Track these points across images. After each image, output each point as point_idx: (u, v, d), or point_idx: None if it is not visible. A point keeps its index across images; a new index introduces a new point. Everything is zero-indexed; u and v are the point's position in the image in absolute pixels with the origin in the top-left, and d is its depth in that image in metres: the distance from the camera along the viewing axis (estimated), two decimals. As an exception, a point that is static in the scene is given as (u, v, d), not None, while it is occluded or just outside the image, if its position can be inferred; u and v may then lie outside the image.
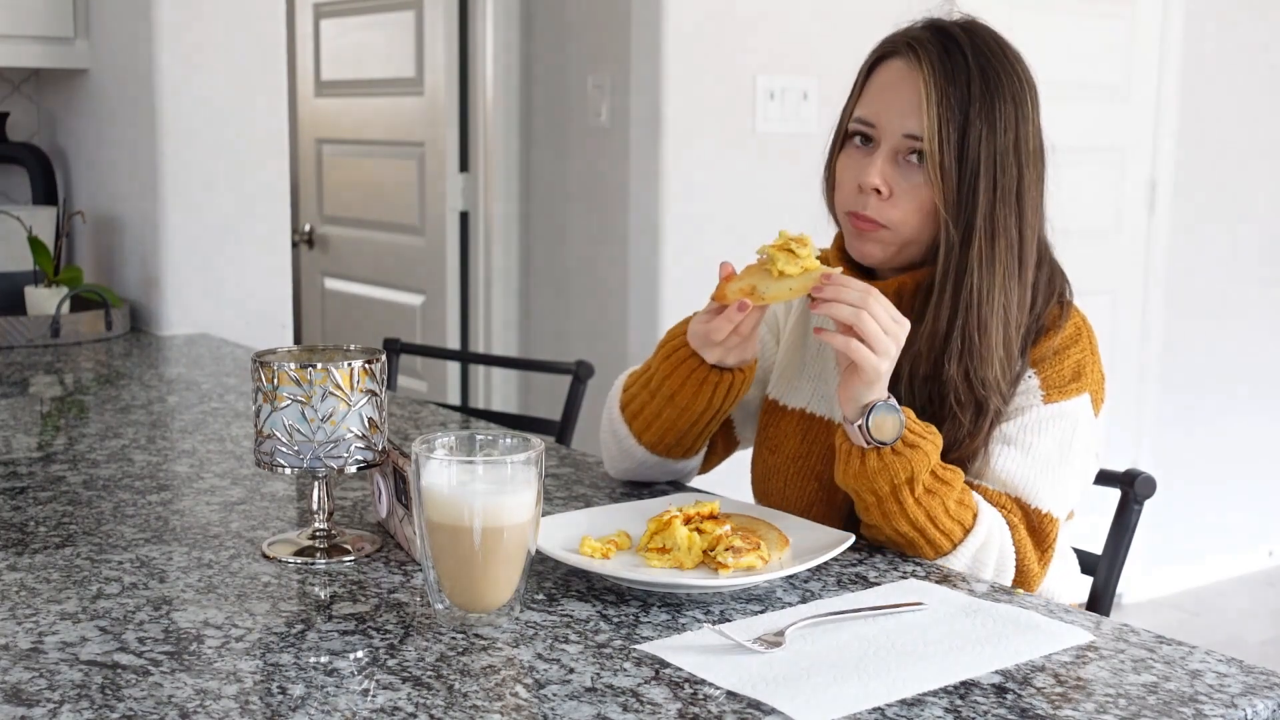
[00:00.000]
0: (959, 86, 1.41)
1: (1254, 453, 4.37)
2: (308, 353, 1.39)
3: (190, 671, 1.06)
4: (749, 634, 1.14)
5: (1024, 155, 1.44)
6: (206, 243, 2.78)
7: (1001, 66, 1.44)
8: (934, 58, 1.42)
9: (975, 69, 1.42)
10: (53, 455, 1.77)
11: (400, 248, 3.85)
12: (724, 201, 3.23)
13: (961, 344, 1.42)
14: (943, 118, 1.41)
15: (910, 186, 1.44)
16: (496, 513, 1.14)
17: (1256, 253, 4.28)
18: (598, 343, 3.32)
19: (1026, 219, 1.44)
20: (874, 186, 1.44)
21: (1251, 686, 1.07)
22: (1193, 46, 4.00)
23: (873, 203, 1.45)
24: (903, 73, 1.45)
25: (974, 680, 1.07)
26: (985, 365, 1.41)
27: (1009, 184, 1.42)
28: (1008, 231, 1.43)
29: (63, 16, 2.86)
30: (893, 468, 1.34)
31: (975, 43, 1.44)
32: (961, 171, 1.41)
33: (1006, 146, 1.42)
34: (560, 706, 1.00)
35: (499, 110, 3.53)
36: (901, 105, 1.44)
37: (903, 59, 1.45)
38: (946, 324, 1.43)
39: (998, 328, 1.42)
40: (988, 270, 1.42)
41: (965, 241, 1.42)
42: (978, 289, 1.42)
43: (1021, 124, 1.43)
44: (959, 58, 1.42)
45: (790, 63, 3.27)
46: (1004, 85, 1.43)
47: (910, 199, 1.44)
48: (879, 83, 1.48)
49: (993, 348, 1.42)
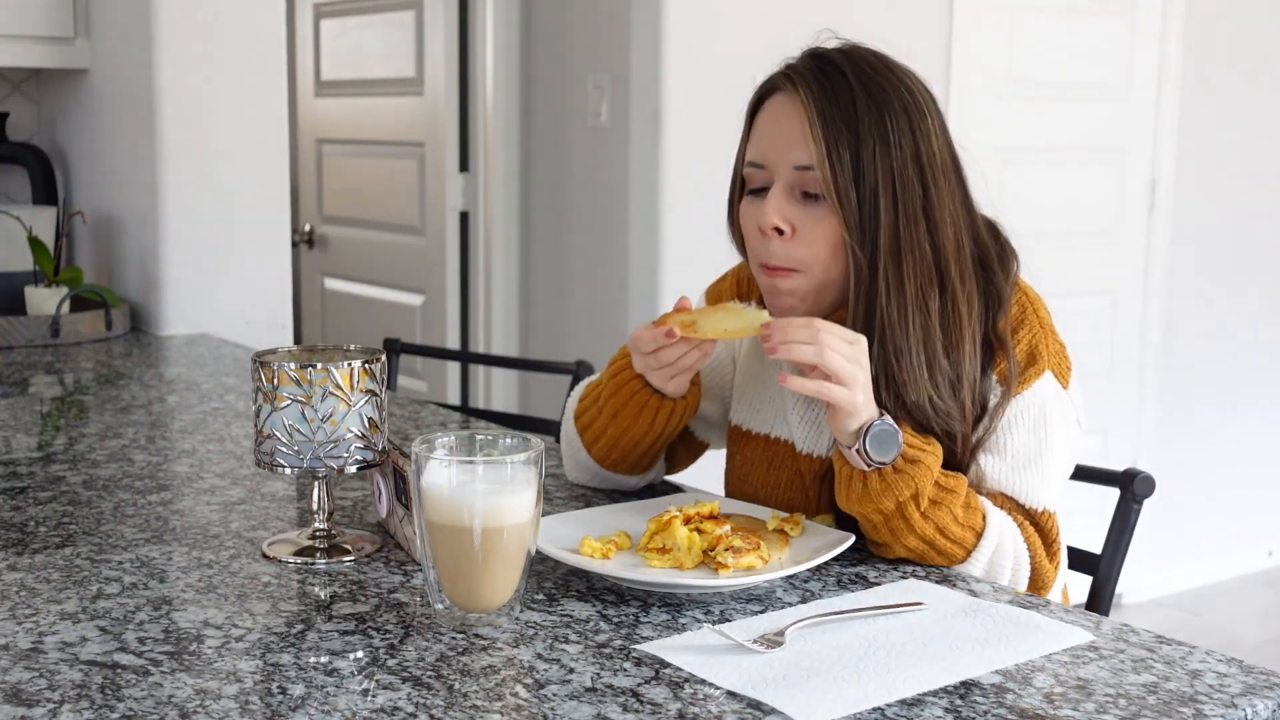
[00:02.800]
0: (843, 107, 1.36)
1: (1254, 453, 4.37)
2: (308, 353, 1.39)
3: (190, 671, 1.06)
4: (749, 634, 1.14)
5: (926, 168, 1.37)
6: (206, 243, 2.78)
7: (886, 81, 1.38)
8: (812, 83, 1.38)
9: (858, 86, 1.37)
10: (53, 455, 1.77)
11: (400, 248, 3.85)
12: (724, 202, 3.22)
13: (884, 373, 1.37)
14: (830, 140, 1.35)
15: (811, 221, 1.39)
16: (496, 513, 1.14)
17: (1257, 253, 4.28)
18: (598, 343, 3.32)
19: (941, 231, 1.38)
20: (774, 225, 1.39)
21: (1251, 686, 1.07)
22: (1193, 46, 4.00)
23: (776, 246, 1.40)
24: (784, 105, 1.40)
25: (974, 680, 1.07)
26: (911, 389, 1.36)
27: (911, 199, 1.37)
28: (917, 248, 1.37)
29: (63, 16, 2.86)
30: (895, 486, 1.31)
31: (855, 63, 1.39)
32: (860, 192, 1.36)
33: (904, 161, 1.36)
34: (560, 706, 1.00)
35: (499, 110, 3.53)
36: (787, 138, 1.39)
37: (782, 92, 1.41)
38: None
39: (916, 349, 1.36)
40: (897, 291, 1.37)
41: (872, 264, 1.37)
42: (888, 312, 1.37)
43: (919, 137, 1.37)
44: (838, 78, 1.38)
45: (790, 63, 3.27)
46: (891, 99, 1.37)
47: (814, 233, 1.39)
48: (763, 120, 1.43)
49: (912, 369, 1.36)
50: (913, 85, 1.41)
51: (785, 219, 1.39)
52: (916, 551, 1.35)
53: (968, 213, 1.43)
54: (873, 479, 1.32)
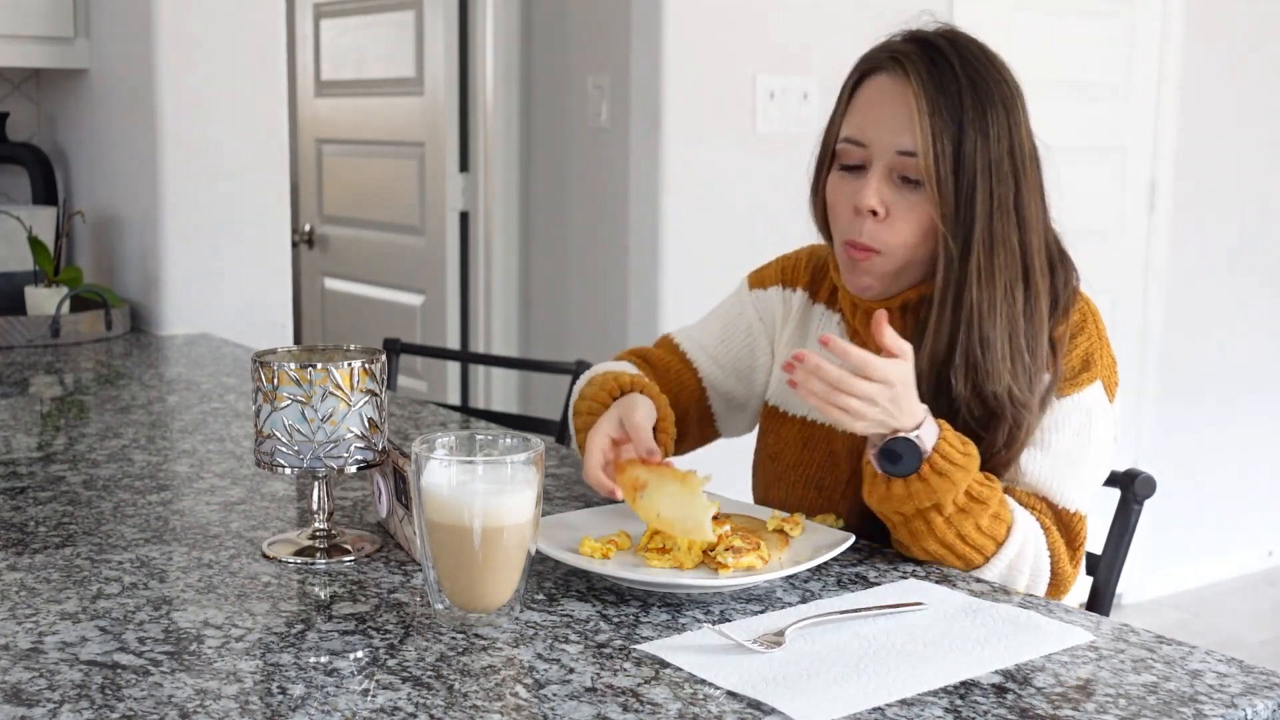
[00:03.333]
0: (950, 97, 1.38)
1: (1254, 452, 4.37)
2: (308, 353, 1.39)
3: (190, 671, 1.06)
4: (749, 634, 1.14)
5: (1019, 162, 1.40)
6: (206, 243, 2.78)
7: (989, 74, 1.40)
8: (922, 70, 1.39)
9: (964, 78, 1.39)
10: (53, 455, 1.77)
11: (400, 248, 3.85)
12: (724, 201, 3.23)
13: (965, 361, 1.38)
14: (936, 130, 1.37)
15: (907, 206, 1.41)
16: (496, 513, 1.14)
17: (1257, 252, 4.28)
18: (598, 343, 3.32)
19: (1028, 226, 1.41)
20: (870, 208, 1.41)
21: (1251, 686, 1.07)
22: (1193, 46, 4.00)
23: (868, 226, 1.42)
24: (890, 88, 1.41)
25: (974, 680, 1.07)
26: (993, 380, 1.38)
27: (1006, 193, 1.39)
28: (1007, 241, 1.39)
29: (63, 16, 2.86)
30: (917, 495, 1.32)
31: (961, 52, 1.41)
32: (958, 184, 1.38)
33: (1001, 155, 1.39)
34: (560, 706, 1.00)
35: (499, 110, 3.53)
36: (892, 121, 1.40)
37: (888, 74, 1.42)
38: (947, 342, 1.40)
39: (1002, 340, 1.38)
40: (988, 283, 1.38)
41: (964, 255, 1.39)
42: (978, 303, 1.38)
43: (1014, 130, 1.40)
44: (947, 68, 1.39)
45: (790, 63, 3.27)
46: (994, 92, 1.39)
47: (907, 219, 1.41)
48: (865, 99, 1.44)
49: (998, 361, 1.38)
50: (1008, 77, 1.43)
51: (882, 201, 1.41)
52: (935, 555, 1.35)
53: (1044, 210, 1.46)
54: (895, 484, 1.32)
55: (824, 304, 1.59)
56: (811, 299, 1.61)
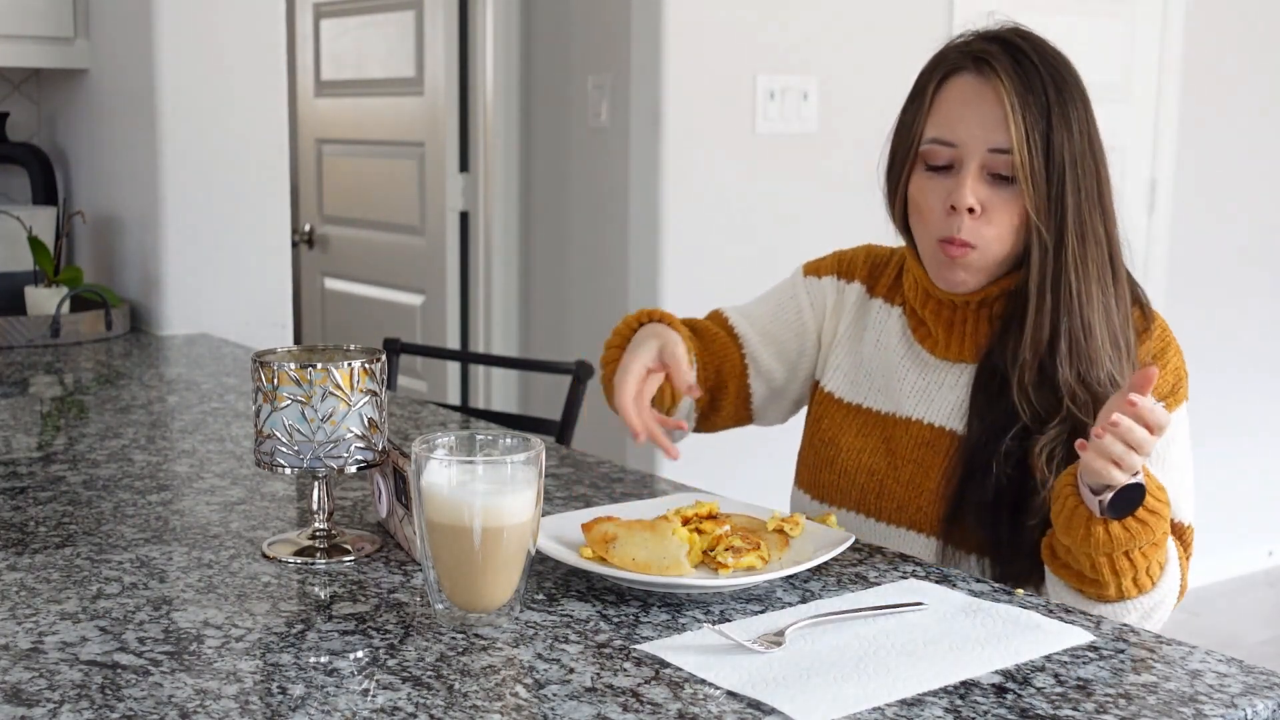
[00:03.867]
0: (1036, 94, 1.42)
1: (1254, 452, 4.37)
2: (308, 353, 1.39)
3: (190, 671, 1.06)
4: (749, 634, 1.14)
5: (1098, 154, 1.45)
6: (206, 243, 2.78)
7: (1066, 70, 1.45)
8: (1008, 68, 1.43)
9: (1046, 75, 1.43)
10: (53, 455, 1.77)
11: (400, 248, 3.85)
12: (724, 201, 3.23)
13: (1069, 348, 1.42)
14: (1029, 126, 1.41)
15: (1001, 201, 1.44)
16: (496, 513, 1.14)
17: (1257, 253, 4.28)
18: (598, 343, 3.30)
19: (1110, 217, 1.46)
20: (969, 206, 1.44)
21: (1251, 686, 1.07)
22: (1193, 46, 4.00)
23: (966, 224, 1.45)
24: (977, 87, 1.44)
25: (974, 680, 1.07)
26: (1097, 365, 1.42)
27: (1090, 184, 1.44)
28: (1096, 231, 1.44)
29: (63, 16, 2.86)
30: (1137, 535, 1.31)
31: (1038, 49, 1.45)
32: (1049, 177, 1.42)
33: (1084, 148, 1.44)
34: (560, 706, 1.00)
35: (499, 110, 3.53)
36: (984, 120, 1.43)
37: (973, 74, 1.45)
38: (1050, 330, 1.43)
39: (1102, 326, 1.43)
40: (1083, 271, 1.43)
41: (1058, 246, 1.43)
42: (1077, 291, 1.43)
43: (1091, 124, 1.45)
44: (1030, 66, 1.43)
45: (790, 63, 3.27)
46: (1072, 87, 1.44)
47: (1002, 214, 1.44)
48: (951, 100, 1.46)
49: (1099, 347, 1.42)
50: (1078, 75, 1.47)
51: (979, 199, 1.45)
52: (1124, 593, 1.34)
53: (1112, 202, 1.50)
54: (1097, 530, 1.30)
55: (882, 299, 1.63)
56: (869, 293, 1.65)
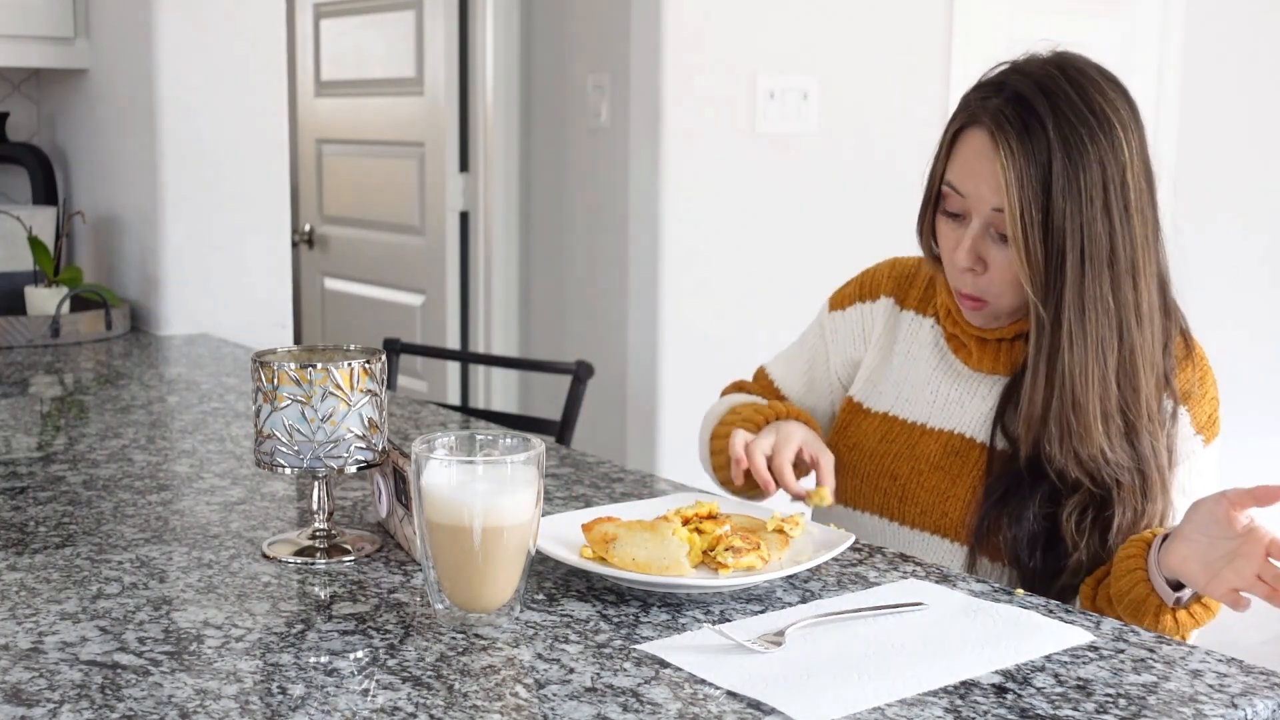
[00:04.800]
0: (1038, 164, 1.37)
1: (1254, 452, 4.37)
2: (308, 353, 1.39)
3: (190, 671, 1.06)
4: (749, 634, 1.14)
5: (1117, 215, 1.38)
6: (206, 243, 2.78)
7: (1086, 125, 1.38)
8: (1012, 138, 1.38)
9: (1056, 139, 1.37)
10: (53, 455, 1.77)
11: (400, 248, 3.84)
12: (724, 201, 3.23)
13: (1060, 427, 1.40)
14: (1024, 200, 1.37)
15: (1005, 260, 1.43)
16: (496, 513, 1.14)
17: (1257, 252, 4.28)
18: (598, 343, 3.32)
19: (1124, 282, 1.40)
20: (965, 267, 1.45)
21: (1251, 686, 1.07)
22: (1193, 46, 4.00)
23: (969, 280, 1.46)
24: (986, 146, 1.41)
25: (974, 680, 1.07)
26: (1088, 443, 1.40)
27: (1099, 252, 1.38)
28: (1100, 301, 1.39)
29: (63, 16, 2.86)
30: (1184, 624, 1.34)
31: (1054, 102, 1.38)
32: (1048, 249, 1.38)
33: (1094, 214, 1.37)
34: (560, 706, 1.00)
35: (499, 110, 3.53)
36: (987, 181, 1.41)
37: (986, 131, 1.41)
38: (1042, 406, 1.42)
39: (1094, 401, 1.39)
40: (1079, 346, 1.39)
41: (1055, 321, 1.40)
42: (1070, 368, 1.40)
43: (1112, 182, 1.38)
44: (1038, 129, 1.37)
45: (790, 63, 3.27)
46: (1089, 150, 1.37)
47: (1005, 272, 1.44)
48: (965, 152, 1.45)
49: (1091, 423, 1.39)
50: (1111, 115, 1.40)
51: (979, 258, 1.45)
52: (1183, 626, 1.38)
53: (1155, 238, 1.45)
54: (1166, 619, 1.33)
55: (913, 310, 1.63)
56: (899, 305, 1.65)
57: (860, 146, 3.39)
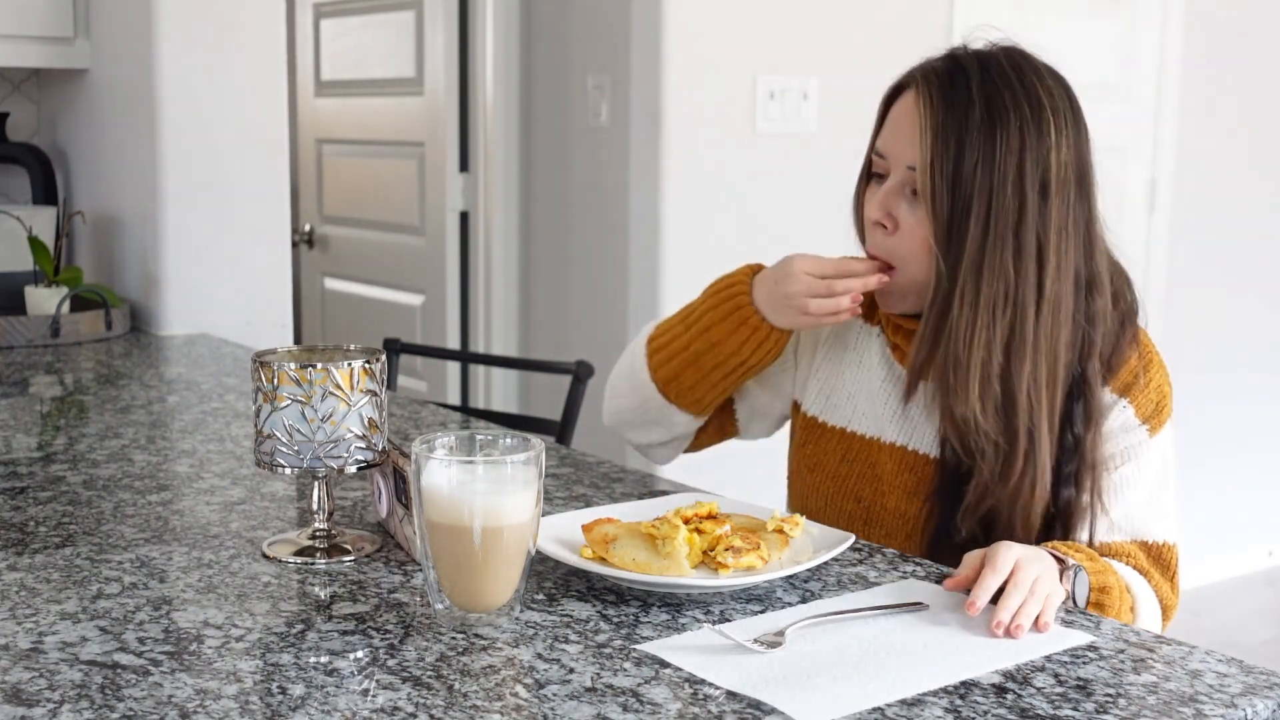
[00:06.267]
0: (957, 117, 1.37)
1: (1254, 452, 4.37)
2: (308, 353, 1.39)
3: (190, 671, 1.06)
4: (749, 634, 1.14)
5: (1029, 189, 1.37)
6: (206, 243, 2.78)
7: (1012, 94, 1.38)
8: (934, 88, 1.40)
9: (979, 98, 1.37)
10: (53, 455, 1.77)
11: (400, 248, 3.85)
12: (724, 201, 3.23)
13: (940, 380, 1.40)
14: (937, 150, 1.37)
15: (915, 221, 1.42)
16: (496, 513, 1.14)
17: (1256, 253, 4.28)
18: (598, 343, 3.32)
19: (1026, 255, 1.38)
20: (875, 219, 1.44)
21: (1251, 686, 1.07)
22: (1193, 46, 4.00)
23: (878, 237, 1.45)
24: (909, 104, 1.43)
25: (974, 680, 1.07)
26: (960, 402, 1.38)
27: (1004, 219, 1.37)
28: (998, 268, 1.37)
29: (63, 16, 2.86)
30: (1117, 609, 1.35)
31: (986, 70, 1.40)
32: (954, 204, 1.37)
33: (1004, 180, 1.36)
34: (560, 706, 1.00)
35: (499, 110, 3.53)
36: (906, 136, 1.42)
37: (913, 91, 1.43)
38: (925, 357, 1.42)
39: (973, 365, 1.38)
40: (970, 306, 1.38)
41: (952, 275, 1.39)
42: (956, 323, 1.38)
43: (1030, 156, 1.37)
44: (962, 87, 1.39)
45: (790, 63, 3.27)
46: (1009, 115, 1.37)
47: (913, 232, 1.42)
48: (894, 115, 1.46)
49: (966, 384, 1.38)
50: (1045, 99, 1.39)
51: (889, 214, 1.44)
52: None
53: (1082, 237, 1.43)
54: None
55: (861, 319, 1.59)
56: None
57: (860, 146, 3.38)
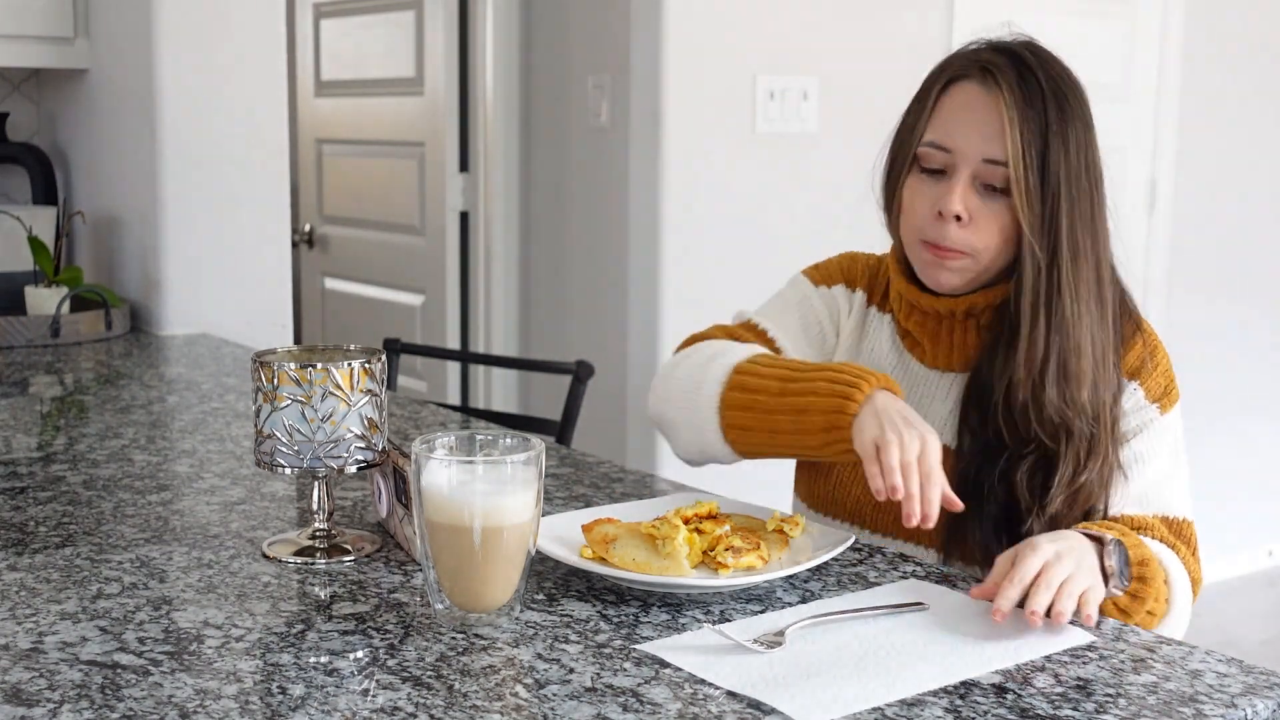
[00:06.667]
0: (1037, 110, 1.41)
1: (1254, 453, 4.37)
2: (308, 353, 1.39)
3: (190, 671, 1.06)
4: (749, 634, 1.14)
5: (1094, 176, 1.44)
6: (206, 243, 2.78)
7: (1070, 89, 1.44)
8: (1011, 81, 1.42)
9: (1049, 92, 1.42)
10: (53, 455, 1.77)
11: (400, 248, 3.84)
12: (724, 201, 3.23)
13: (1059, 368, 1.42)
14: (1025, 141, 1.40)
15: (991, 212, 1.44)
16: (496, 513, 1.14)
17: (1256, 253, 4.28)
18: (598, 343, 3.32)
19: (1100, 240, 1.46)
20: (956, 213, 1.44)
21: (1251, 686, 1.07)
22: (1193, 46, 4.00)
23: (953, 230, 1.45)
24: (979, 96, 1.44)
25: (974, 680, 1.07)
26: (1083, 387, 1.42)
27: (1085, 206, 1.43)
28: (1087, 253, 1.44)
29: (63, 16, 2.86)
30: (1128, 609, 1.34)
31: (1045, 66, 1.44)
32: (1044, 194, 1.42)
33: (1080, 168, 1.43)
34: (560, 706, 1.00)
35: (499, 110, 3.53)
36: (981, 129, 1.43)
37: (977, 83, 1.44)
38: (1044, 350, 1.43)
39: (1089, 349, 1.43)
40: (1075, 292, 1.43)
41: (1051, 265, 1.42)
42: (1070, 312, 1.42)
43: (1090, 147, 1.44)
44: (1033, 81, 1.42)
45: (790, 63, 3.27)
46: (1074, 107, 1.43)
47: (991, 224, 1.44)
48: (953, 106, 1.46)
49: (1086, 370, 1.42)
50: (1084, 95, 1.46)
51: (967, 208, 1.44)
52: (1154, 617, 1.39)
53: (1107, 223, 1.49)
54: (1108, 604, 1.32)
55: (876, 307, 1.62)
56: (868, 302, 1.64)
57: (860, 146, 3.38)
